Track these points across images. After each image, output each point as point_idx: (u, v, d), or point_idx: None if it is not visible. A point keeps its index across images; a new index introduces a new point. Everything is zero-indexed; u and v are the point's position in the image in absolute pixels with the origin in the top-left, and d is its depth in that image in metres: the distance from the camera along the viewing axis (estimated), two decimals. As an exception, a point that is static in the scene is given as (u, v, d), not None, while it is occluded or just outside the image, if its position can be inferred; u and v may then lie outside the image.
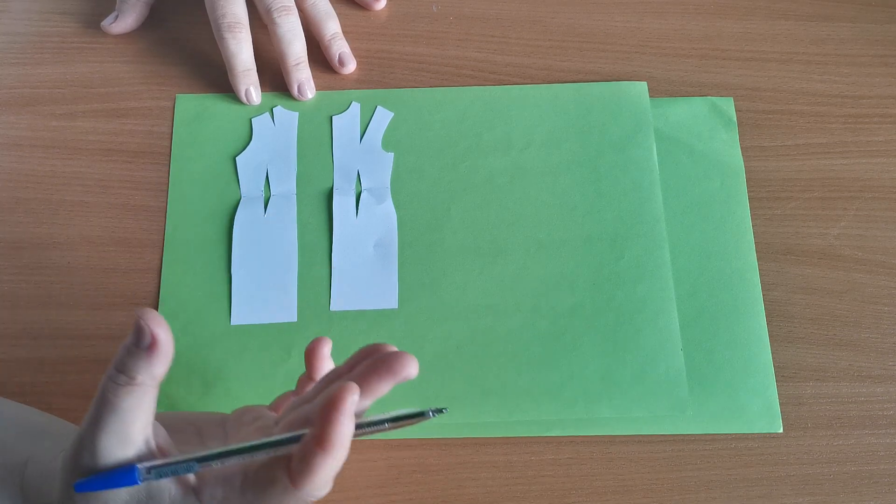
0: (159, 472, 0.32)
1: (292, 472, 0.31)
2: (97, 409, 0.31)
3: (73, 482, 0.32)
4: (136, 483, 0.31)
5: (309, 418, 0.32)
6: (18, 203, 0.50)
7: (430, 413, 0.32)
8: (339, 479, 0.44)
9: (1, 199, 0.51)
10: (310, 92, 0.53)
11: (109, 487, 0.31)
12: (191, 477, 0.32)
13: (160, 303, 0.47)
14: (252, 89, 0.52)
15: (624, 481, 0.44)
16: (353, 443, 0.44)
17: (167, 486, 0.32)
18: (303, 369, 0.41)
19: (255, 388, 0.46)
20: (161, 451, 0.33)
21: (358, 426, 0.31)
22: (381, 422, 0.32)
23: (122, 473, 0.31)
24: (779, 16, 0.57)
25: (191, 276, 0.48)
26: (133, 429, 0.31)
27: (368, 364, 0.33)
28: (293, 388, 0.41)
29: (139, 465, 0.31)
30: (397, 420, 0.32)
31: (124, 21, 0.55)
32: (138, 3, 0.55)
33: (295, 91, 0.53)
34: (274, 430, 0.34)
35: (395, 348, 0.34)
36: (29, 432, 0.38)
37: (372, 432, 0.32)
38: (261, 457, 0.32)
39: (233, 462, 0.32)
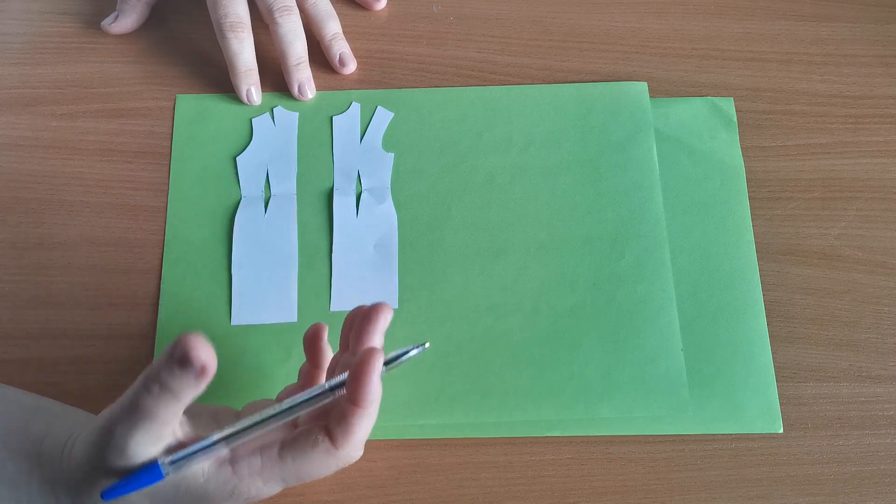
0: (182, 462, 0.32)
1: (332, 433, 0.33)
2: (130, 414, 0.31)
3: (95, 478, 0.32)
4: (161, 478, 0.32)
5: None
6: (18, 203, 0.50)
7: (413, 350, 0.36)
8: (339, 479, 0.44)
9: (1, 199, 0.51)
10: (310, 92, 0.53)
11: (137, 489, 0.32)
12: (224, 451, 0.33)
13: (160, 303, 0.48)
14: (253, 89, 0.52)
15: (624, 481, 0.44)
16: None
17: (200, 464, 0.33)
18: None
19: (256, 388, 0.46)
20: (187, 439, 0.34)
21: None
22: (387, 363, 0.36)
23: (147, 472, 0.32)
24: (779, 16, 0.57)
25: (191, 276, 0.48)
26: (165, 431, 0.32)
27: (357, 327, 0.38)
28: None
29: (161, 461, 0.32)
30: (395, 360, 0.36)
31: (124, 21, 0.55)
32: (138, 3, 0.55)
33: (295, 91, 0.53)
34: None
35: (367, 305, 0.39)
36: (39, 410, 0.38)
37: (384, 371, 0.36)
38: (284, 420, 0.34)
39: (256, 433, 0.33)
